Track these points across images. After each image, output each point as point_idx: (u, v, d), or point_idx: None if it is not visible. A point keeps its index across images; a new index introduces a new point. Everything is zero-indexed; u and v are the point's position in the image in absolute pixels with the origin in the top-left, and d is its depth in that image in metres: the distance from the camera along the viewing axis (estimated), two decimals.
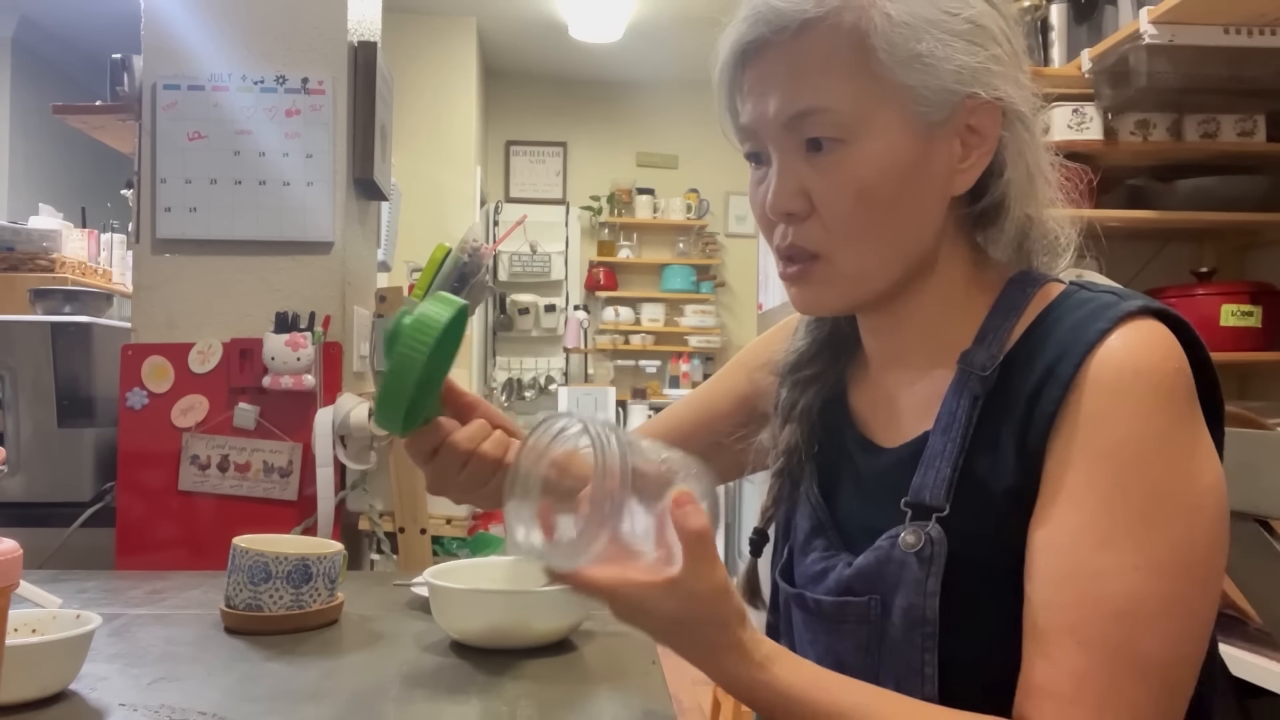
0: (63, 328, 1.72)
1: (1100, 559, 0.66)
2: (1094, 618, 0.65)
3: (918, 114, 0.74)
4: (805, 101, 0.73)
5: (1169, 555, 0.66)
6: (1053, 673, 0.66)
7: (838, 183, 0.74)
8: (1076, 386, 0.69)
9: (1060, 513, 0.68)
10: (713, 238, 6.16)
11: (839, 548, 0.81)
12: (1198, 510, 0.67)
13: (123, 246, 3.84)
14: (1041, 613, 0.68)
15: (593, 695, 0.89)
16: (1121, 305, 0.71)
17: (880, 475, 0.80)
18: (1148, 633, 0.65)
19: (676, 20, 5.03)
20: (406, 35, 4.80)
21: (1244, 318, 2.10)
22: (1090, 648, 0.65)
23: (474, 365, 5.37)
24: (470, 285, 1.92)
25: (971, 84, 0.74)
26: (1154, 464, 0.67)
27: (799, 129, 0.74)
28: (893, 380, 0.83)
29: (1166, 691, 0.66)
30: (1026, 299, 0.77)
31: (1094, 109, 2.08)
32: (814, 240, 0.76)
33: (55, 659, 0.85)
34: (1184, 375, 0.69)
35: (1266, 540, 1.16)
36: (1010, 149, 0.77)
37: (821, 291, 0.78)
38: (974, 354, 0.76)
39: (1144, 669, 0.65)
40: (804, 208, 0.75)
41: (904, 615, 0.72)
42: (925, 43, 0.72)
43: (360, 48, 1.81)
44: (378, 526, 1.64)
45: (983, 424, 0.73)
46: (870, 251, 0.76)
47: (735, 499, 5.03)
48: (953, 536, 0.72)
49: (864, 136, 0.73)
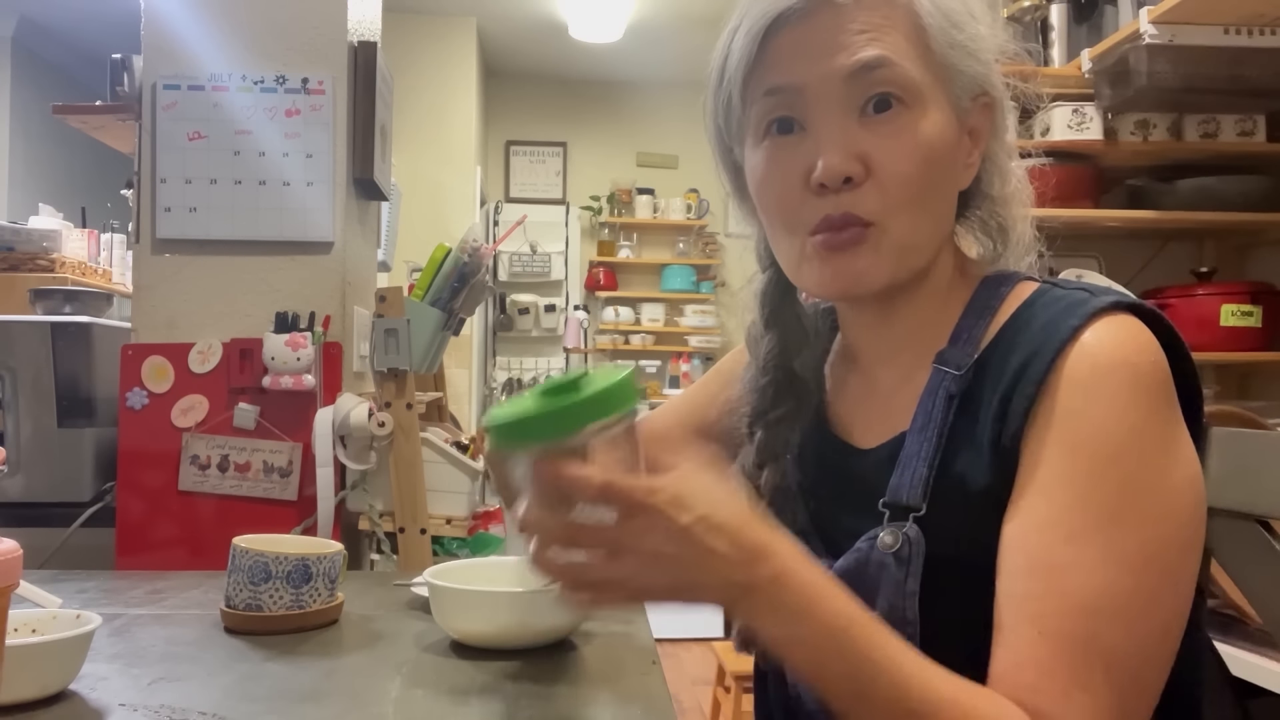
0: (63, 328, 1.72)
1: (1068, 551, 0.65)
2: (1059, 610, 0.64)
3: (954, 99, 0.75)
4: (875, 50, 0.72)
5: (1139, 551, 0.65)
6: (1015, 661, 0.65)
7: (902, 147, 0.73)
8: (1050, 383, 0.69)
9: (1030, 505, 0.68)
10: (713, 238, 6.16)
11: (820, 552, 0.80)
12: (1171, 507, 0.67)
13: (123, 246, 3.85)
14: (1006, 604, 0.67)
15: (593, 695, 0.89)
16: (1094, 301, 0.71)
17: (859, 477, 0.80)
18: (1113, 628, 0.64)
19: (676, 20, 5.03)
20: (406, 35, 4.81)
21: (1244, 318, 2.10)
22: (1054, 639, 0.64)
23: (474, 365, 5.38)
24: (470, 285, 1.92)
25: (987, 83, 0.77)
26: (1127, 459, 0.66)
27: (864, 83, 0.72)
28: (879, 378, 0.83)
29: (1133, 688, 0.64)
30: (1000, 298, 0.77)
31: (1094, 109, 2.08)
32: (870, 207, 0.73)
33: (55, 659, 0.85)
34: (1159, 369, 0.69)
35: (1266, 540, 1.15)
36: (995, 149, 0.80)
37: (872, 262, 0.74)
38: (948, 354, 0.76)
39: (1108, 664, 0.63)
40: (861, 172, 0.73)
41: (885, 617, 0.72)
42: (965, 32, 0.75)
43: (360, 48, 1.81)
44: (378, 526, 1.64)
45: (958, 423, 0.73)
46: (923, 221, 0.75)
47: None
48: (930, 536, 0.72)
49: (925, 105, 0.74)
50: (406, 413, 1.64)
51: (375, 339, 1.66)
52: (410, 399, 1.65)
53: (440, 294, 1.85)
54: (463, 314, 1.97)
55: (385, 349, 1.65)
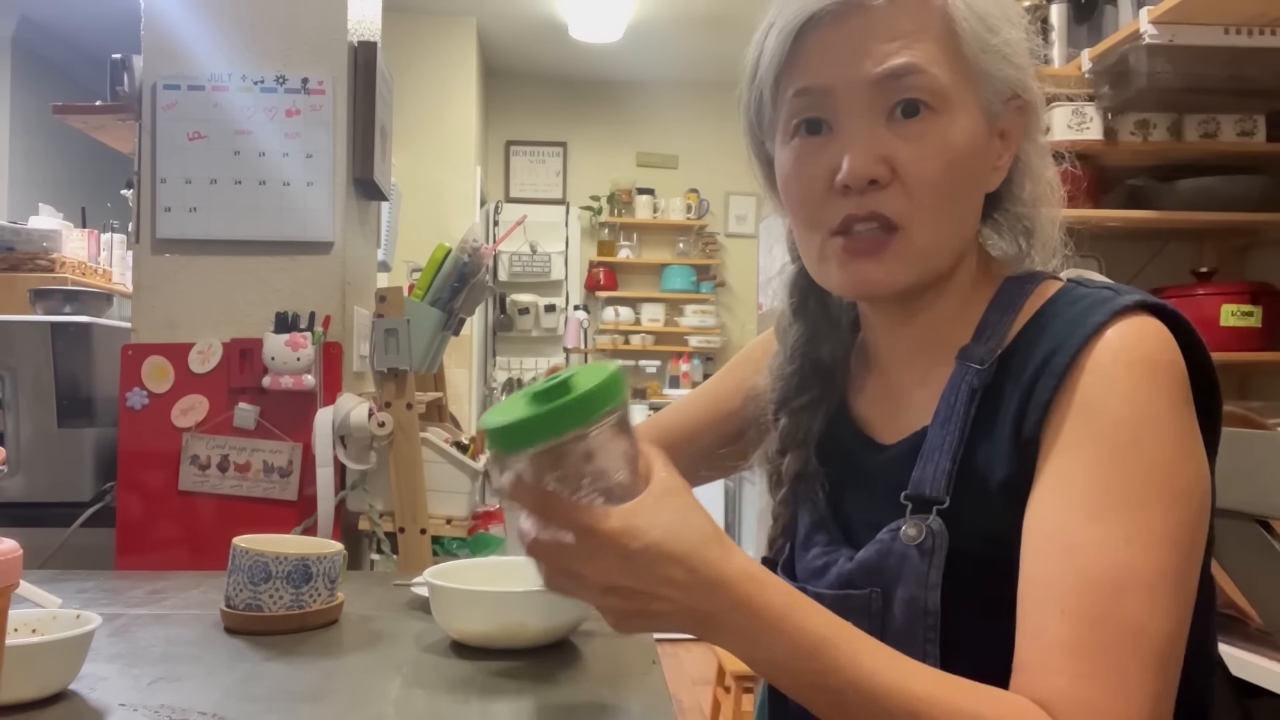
0: (63, 328, 1.72)
1: (1089, 531, 0.65)
2: (1080, 587, 0.64)
3: (985, 103, 0.76)
4: (905, 57, 0.72)
5: (1162, 531, 0.65)
6: (1039, 645, 0.65)
7: (929, 152, 0.73)
8: (1071, 377, 0.69)
9: (1051, 489, 0.68)
10: (713, 238, 6.16)
11: (841, 543, 0.81)
12: (1186, 497, 0.67)
13: (123, 246, 3.85)
14: (1028, 589, 0.67)
15: (593, 695, 0.89)
16: (1118, 300, 0.71)
17: (881, 471, 0.80)
18: (1139, 603, 0.63)
19: (676, 20, 5.02)
20: (406, 35, 4.80)
21: (1244, 318, 2.11)
22: (1076, 617, 0.63)
23: (474, 365, 5.38)
24: (470, 285, 1.92)
25: (1020, 86, 0.77)
26: (1147, 447, 0.66)
27: (893, 89, 0.73)
28: (898, 377, 0.84)
29: (1160, 665, 0.63)
30: (1024, 295, 0.78)
31: (1094, 109, 2.08)
32: (896, 209, 0.74)
33: (55, 659, 0.85)
34: (1177, 369, 0.69)
35: (1266, 540, 1.16)
36: (1028, 152, 0.80)
37: (894, 267, 0.75)
38: (972, 349, 0.76)
39: (1136, 639, 0.62)
40: (886, 175, 0.74)
41: (905, 607, 0.72)
42: (999, 36, 0.75)
43: (360, 48, 1.81)
44: (378, 526, 1.64)
45: (980, 417, 0.74)
46: (946, 226, 0.76)
47: (735, 499, 5.03)
48: (953, 528, 0.72)
49: (954, 111, 0.74)
50: (406, 413, 1.64)
51: (375, 339, 1.66)
52: (410, 399, 1.65)
53: (440, 294, 1.85)
54: (463, 314, 1.97)
55: (385, 349, 1.65)
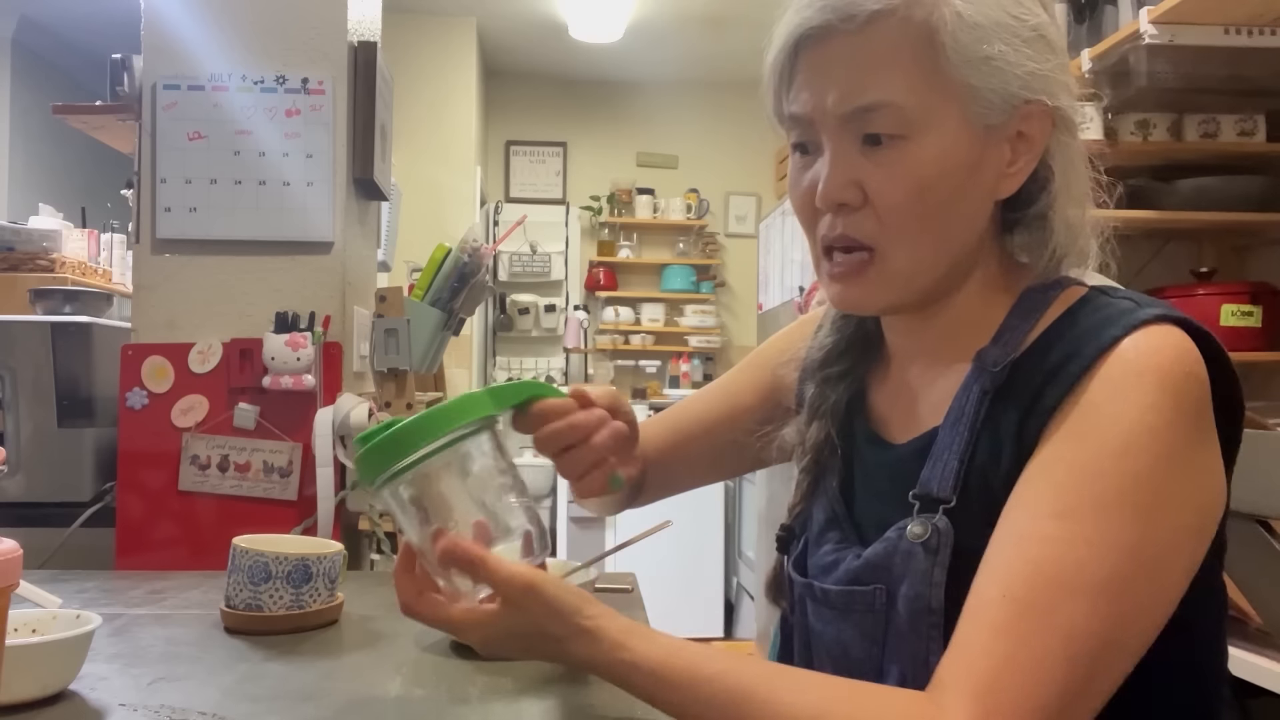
0: (63, 328, 1.72)
1: (1053, 526, 0.65)
2: (1029, 578, 0.64)
3: (977, 115, 0.74)
4: (869, 96, 0.73)
5: (1125, 540, 0.64)
6: (976, 626, 0.65)
7: (895, 177, 0.74)
8: (1082, 384, 0.69)
9: (1030, 481, 0.68)
10: (713, 238, 6.16)
11: (852, 540, 0.82)
12: (1165, 512, 0.65)
13: (123, 246, 3.84)
14: (982, 572, 0.67)
15: (593, 695, 0.89)
16: (1139, 312, 0.71)
17: (891, 470, 0.81)
18: (1079, 604, 0.63)
19: (676, 20, 5.02)
20: (406, 35, 4.80)
21: (1244, 318, 2.10)
22: (1013, 603, 0.63)
23: (474, 365, 5.38)
24: (470, 285, 1.92)
25: (1037, 90, 0.75)
26: (1137, 456, 0.65)
27: (859, 123, 0.74)
28: (913, 377, 0.84)
29: (1086, 668, 0.62)
30: (1048, 301, 0.77)
31: (1094, 109, 2.08)
32: (866, 232, 0.76)
33: (55, 659, 0.85)
34: (1195, 381, 0.68)
35: (1266, 540, 1.16)
36: (1057, 156, 0.78)
37: (870, 290, 0.77)
38: (988, 352, 0.76)
39: (1067, 635, 0.62)
40: (857, 199, 0.75)
41: (909, 605, 0.72)
42: (994, 45, 0.73)
43: (360, 48, 1.81)
44: (378, 526, 1.64)
45: (990, 419, 0.74)
46: (922, 248, 0.76)
47: (735, 499, 5.03)
48: (959, 528, 0.72)
49: (925, 134, 0.73)
50: (406, 413, 1.64)
51: (375, 339, 1.66)
52: (410, 399, 1.65)
53: (440, 294, 1.85)
54: (463, 314, 1.97)
55: (385, 349, 1.65)
